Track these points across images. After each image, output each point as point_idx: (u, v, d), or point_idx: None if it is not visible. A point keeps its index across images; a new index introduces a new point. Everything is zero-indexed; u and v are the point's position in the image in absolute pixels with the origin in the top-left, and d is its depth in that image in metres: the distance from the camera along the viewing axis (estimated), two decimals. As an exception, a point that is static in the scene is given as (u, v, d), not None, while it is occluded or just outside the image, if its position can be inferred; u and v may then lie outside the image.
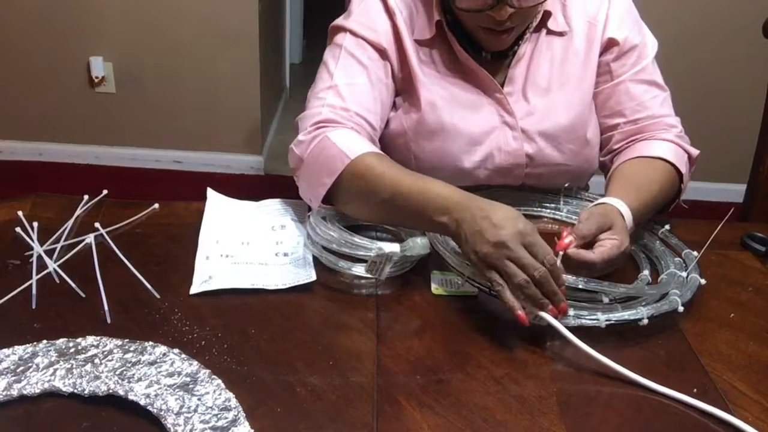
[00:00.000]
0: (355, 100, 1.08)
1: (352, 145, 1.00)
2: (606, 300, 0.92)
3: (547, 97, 1.15)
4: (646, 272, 1.00)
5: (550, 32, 1.14)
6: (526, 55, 1.14)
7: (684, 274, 0.99)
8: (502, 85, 1.14)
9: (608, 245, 0.93)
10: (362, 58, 1.10)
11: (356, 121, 1.06)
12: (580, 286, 0.91)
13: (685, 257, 1.03)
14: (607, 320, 0.88)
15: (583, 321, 0.88)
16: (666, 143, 1.13)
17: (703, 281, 0.98)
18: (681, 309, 0.92)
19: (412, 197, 0.95)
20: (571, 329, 0.85)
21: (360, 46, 1.11)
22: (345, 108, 1.06)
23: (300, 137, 1.05)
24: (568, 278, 0.91)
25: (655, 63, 1.18)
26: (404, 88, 1.15)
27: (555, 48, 1.15)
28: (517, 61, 1.14)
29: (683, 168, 1.12)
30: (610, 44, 1.16)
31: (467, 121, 1.13)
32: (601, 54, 1.17)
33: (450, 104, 1.13)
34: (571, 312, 0.88)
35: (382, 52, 1.12)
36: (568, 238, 0.92)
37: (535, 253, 0.86)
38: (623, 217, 0.98)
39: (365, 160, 0.99)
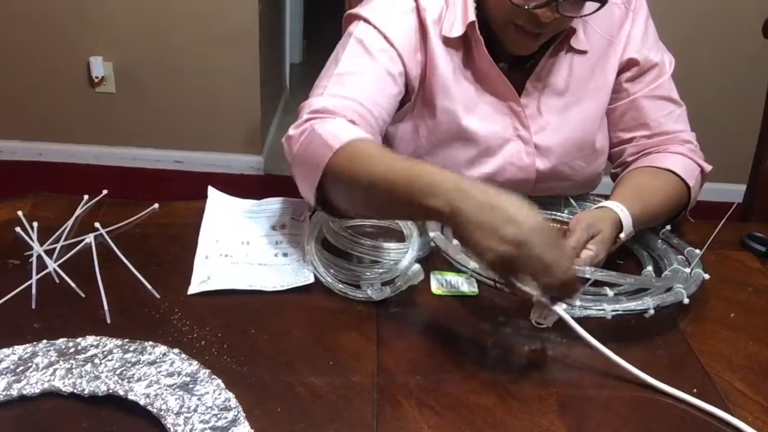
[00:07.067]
0: (358, 89, 1.02)
1: (340, 133, 0.92)
2: (611, 293, 0.92)
3: (561, 112, 1.14)
4: (649, 268, 1.00)
5: (570, 49, 1.12)
6: (545, 69, 1.12)
7: (688, 270, 0.99)
8: None
9: (583, 257, 0.93)
10: (372, 47, 1.05)
11: (359, 111, 1.00)
12: (587, 276, 0.91)
13: (688, 255, 1.03)
14: (613, 311, 0.88)
15: (589, 312, 0.88)
16: (677, 156, 1.13)
17: (707, 276, 0.98)
18: (686, 301, 0.92)
19: (401, 180, 0.82)
20: (576, 322, 0.83)
21: (371, 35, 1.06)
22: (345, 97, 1.01)
23: (290, 132, 0.98)
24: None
25: (671, 79, 1.17)
26: (420, 91, 1.11)
27: (573, 64, 1.13)
28: (534, 75, 1.12)
29: (692, 182, 1.11)
30: (630, 64, 1.15)
31: (482, 130, 1.12)
32: (619, 72, 1.16)
33: (466, 112, 1.11)
34: (577, 303, 0.88)
35: (395, 45, 1.06)
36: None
37: (560, 251, 0.77)
38: (619, 222, 0.98)
39: (352, 146, 0.90)
